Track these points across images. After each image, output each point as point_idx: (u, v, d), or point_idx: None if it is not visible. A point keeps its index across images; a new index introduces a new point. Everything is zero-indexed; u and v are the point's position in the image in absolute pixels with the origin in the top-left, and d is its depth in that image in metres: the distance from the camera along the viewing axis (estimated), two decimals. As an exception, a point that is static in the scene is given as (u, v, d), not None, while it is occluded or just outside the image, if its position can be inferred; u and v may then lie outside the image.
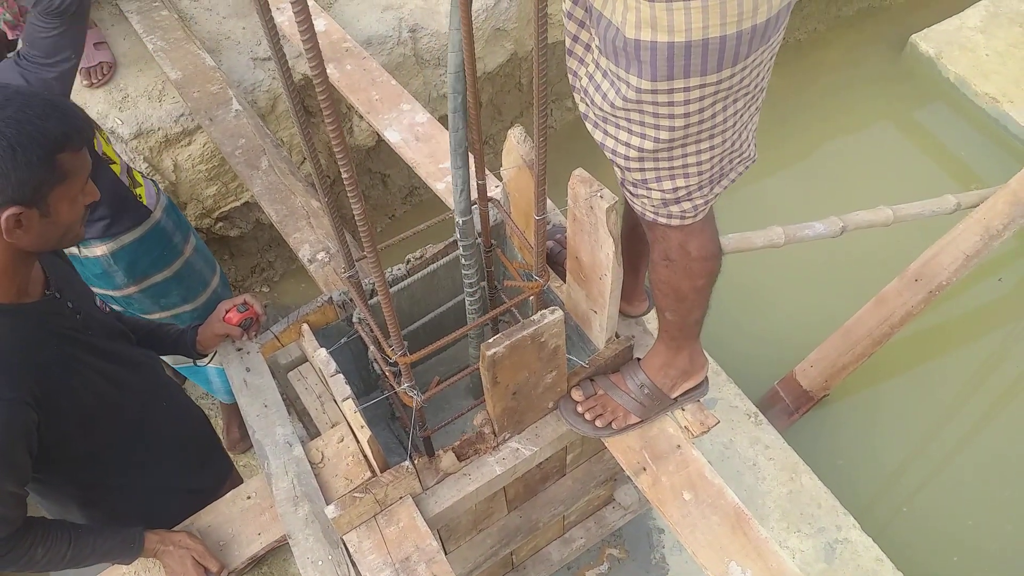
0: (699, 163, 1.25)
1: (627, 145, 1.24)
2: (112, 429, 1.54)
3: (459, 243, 1.61)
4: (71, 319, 1.46)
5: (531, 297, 1.60)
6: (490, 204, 1.67)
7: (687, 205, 1.32)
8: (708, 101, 1.14)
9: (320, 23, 2.72)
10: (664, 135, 1.19)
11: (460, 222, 1.57)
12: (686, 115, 1.15)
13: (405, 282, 1.85)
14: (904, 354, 3.27)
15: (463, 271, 1.66)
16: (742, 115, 1.22)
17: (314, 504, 1.56)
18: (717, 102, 1.15)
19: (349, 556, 1.53)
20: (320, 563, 1.50)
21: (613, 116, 1.21)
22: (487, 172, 1.62)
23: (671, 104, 1.14)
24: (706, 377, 1.70)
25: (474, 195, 1.56)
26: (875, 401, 3.19)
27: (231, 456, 2.15)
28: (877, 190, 3.58)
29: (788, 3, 1.09)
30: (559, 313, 1.43)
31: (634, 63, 1.11)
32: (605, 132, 1.26)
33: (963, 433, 3.12)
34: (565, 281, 1.72)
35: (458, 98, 1.33)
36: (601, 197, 1.37)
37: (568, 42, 1.26)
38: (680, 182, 1.27)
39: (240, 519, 1.62)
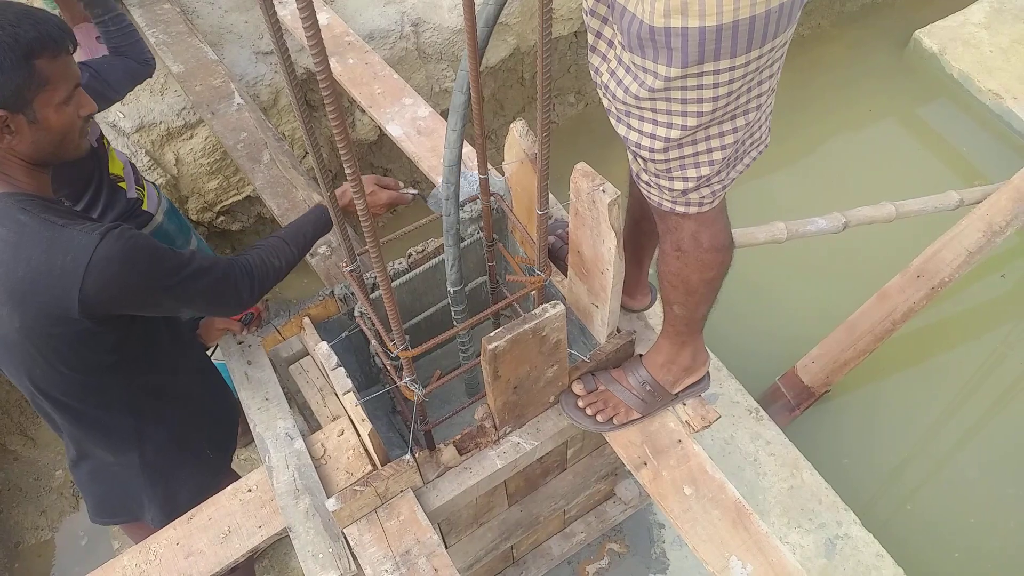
0: (723, 147, 1.24)
1: (652, 137, 1.23)
2: (158, 350, 1.61)
3: (452, 308, 1.65)
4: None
5: (533, 292, 1.60)
6: (492, 198, 1.66)
7: (706, 191, 1.31)
8: (737, 84, 1.14)
9: (323, 17, 2.72)
10: (692, 121, 1.18)
11: (452, 292, 1.60)
12: (714, 99, 1.15)
13: (406, 276, 1.85)
14: (906, 350, 3.26)
15: (446, 257, 1.65)
16: (766, 97, 1.22)
17: (315, 497, 1.56)
18: (745, 84, 1.15)
19: (350, 549, 1.53)
20: (321, 556, 1.51)
21: (637, 108, 1.21)
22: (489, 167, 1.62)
23: (700, 88, 1.13)
24: (708, 372, 1.70)
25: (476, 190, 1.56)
26: (877, 397, 3.18)
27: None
28: (880, 186, 3.58)
29: None
30: (560, 307, 1.43)
31: (663, 52, 1.10)
32: (628, 126, 1.25)
33: (965, 430, 3.11)
34: (567, 276, 1.72)
35: (463, 97, 1.33)
36: (603, 191, 1.37)
37: (591, 39, 1.26)
38: (704, 170, 1.27)
39: (241, 512, 1.62)
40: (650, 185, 1.34)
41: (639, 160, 1.31)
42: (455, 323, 1.73)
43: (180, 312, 1.54)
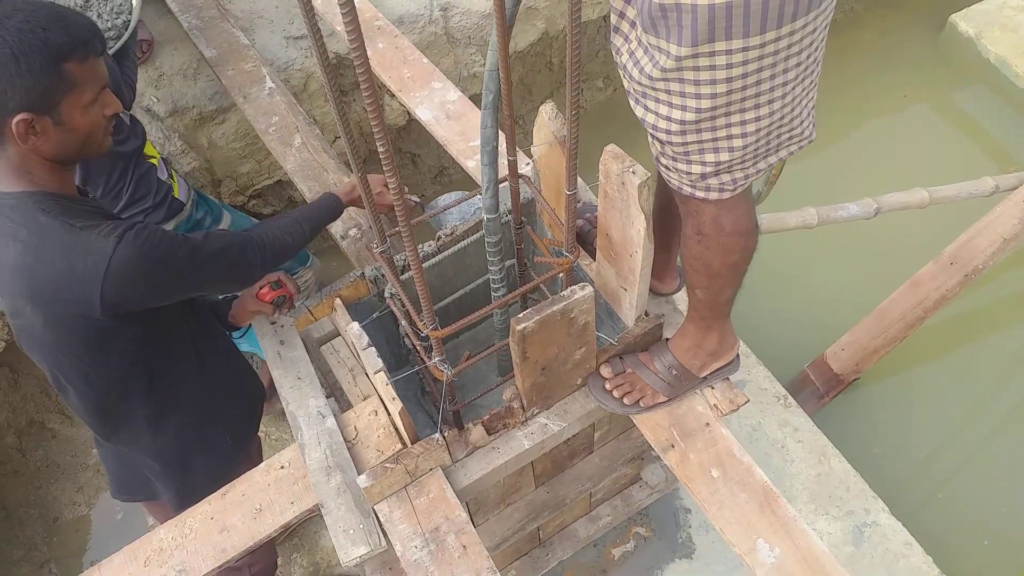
0: (744, 134, 1.22)
1: (668, 119, 1.22)
2: (180, 340, 1.66)
3: (486, 239, 1.62)
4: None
5: (561, 274, 1.60)
6: (520, 181, 1.67)
7: (726, 178, 1.30)
8: (753, 66, 1.12)
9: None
10: (705, 104, 1.17)
11: (487, 219, 1.58)
12: (728, 80, 1.13)
13: (436, 259, 1.87)
14: (938, 339, 3.23)
15: (489, 268, 1.67)
16: (793, 87, 1.19)
17: (346, 474, 1.59)
18: (763, 68, 1.13)
19: (380, 525, 1.56)
20: (352, 532, 1.53)
21: (652, 89, 1.20)
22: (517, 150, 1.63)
23: (712, 68, 1.12)
24: (737, 355, 1.70)
25: (503, 172, 1.56)
26: (907, 386, 3.15)
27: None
28: (913, 172, 3.52)
29: None
30: (589, 289, 1.44)
31: (674, 30, 1.10)
32: (645, 107, 1.25)
33: (999, 420, 3.07)
34: (595, 259, 1.72)
35: (490, 96, 1.34)
36: (633, 173, 1.37)
37: (614, 19, 1.25)
38: (724, 155, 1.25)
39: (274, 488, 1.66)
40: (669, 169, 1.33)
41: (657, 143, 1.31)
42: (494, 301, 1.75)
43: (201, 294, 1.59)
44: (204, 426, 1.79)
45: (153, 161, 2.17)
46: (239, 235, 1.60)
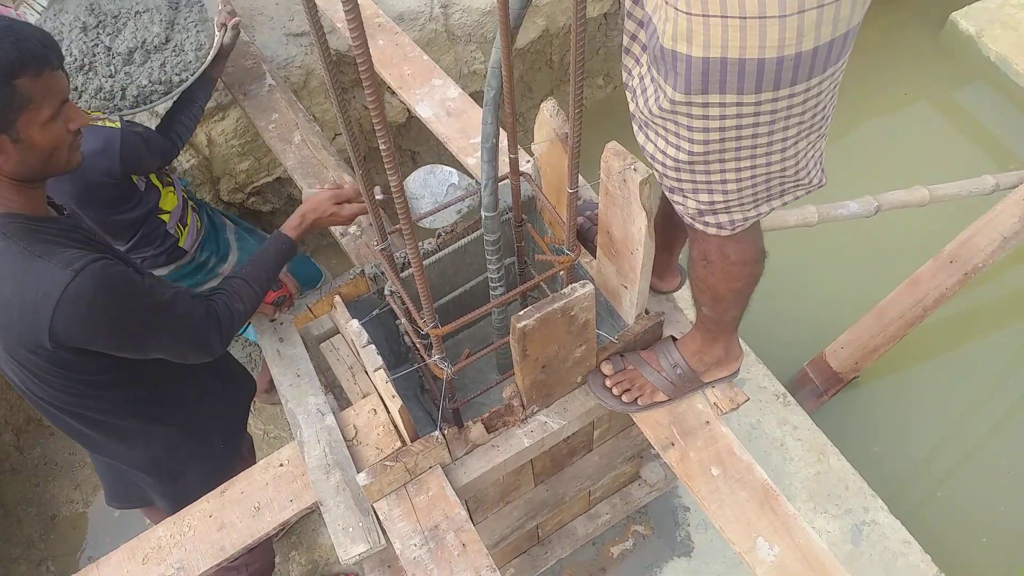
0: (738, 180, 1.22)
1: (664, 153, 1.23)
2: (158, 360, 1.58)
3: (485, 238, 1.61)
4: (98, 236, 1.50)
5: (561, 272, 1.60)
6: (521, 178, 1.67)
7: (724, 218, 1.30)
8: (748, 120, 1.11)
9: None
10: (698, 148, 1.17)
11: (485, 217, 1.56)
12: (721, 129, 1.13)
13: (435, 256, 1.86)
14: (937, 337, 3.23)
15: (488, 267, 1.66)
16: (795, 141, 1.17)
17: (345, 472, 1.58)
18: (760, 124, 1.12)
19: (379, 523, 1.55)
20: (351, 530, 1.53)
21: (653, 122, 1.20)
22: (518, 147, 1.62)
23: (706, 118, 1.12)
24: (739, 368, 1.70)
25: (503, 170, 1.56)
26: (907, 384, 3.16)
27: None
28: (913, 170, 3.53)
29: (846, 31, 1.03)
30: (590, 286, 1.43)
31: (671, 73, 1.09)
32: (647, 136, 1.25)
33: (998, 418, 3.08)
34: (595, 257, 1.72)
35: (492, 92, 1.34)
36: (635, 170, 1.37)
37: (626, 40, 1.25)
38: (717, 196, 1.25)
39: (273, 485, 1.65)
40: (669, 197, 1.34)
41: (656, 172, 1.31)
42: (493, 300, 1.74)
43: (146, 356, 1.50)
44: (194, 432, 1.75)
45: (164, 217, 2.14)
46: (204, 305, 1.51)
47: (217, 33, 2.22)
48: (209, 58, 2.20)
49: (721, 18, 0.99)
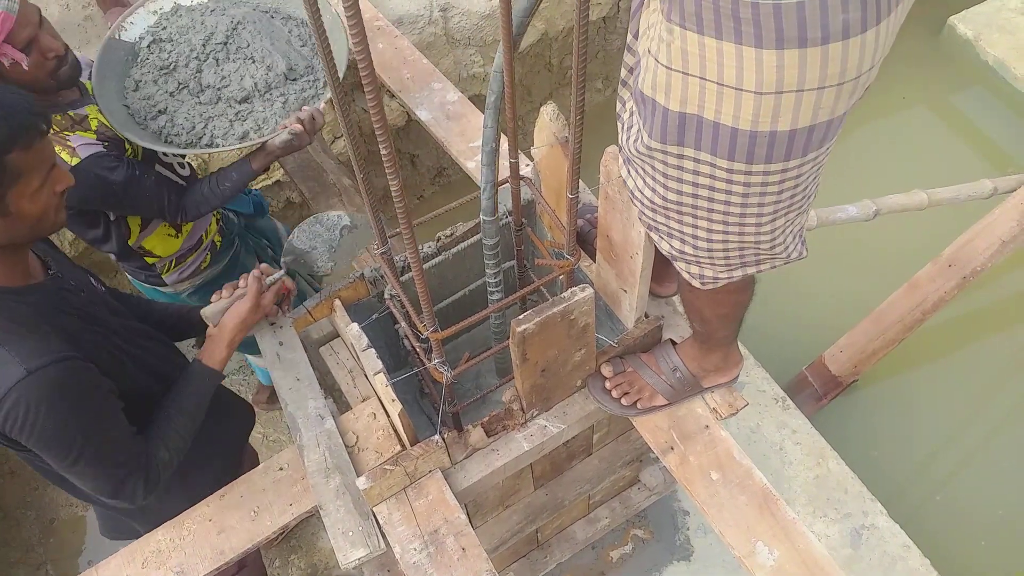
0: (709, 240, 1.20)
1: (642, 192, 1.23)
2: (138, 400, 1.52)
3: (484, 242, 1.60)
4: (77, 295, 1.46)
5: (561, 276, 1.60)
6: (521, 182, 1.67)
7: (695, 270, 1.29)
8: (721, 185, 1.09)
9: None
10: (672, 196, 1.16)
11: (484, 221, 1.55)
12: (695, 184, 1.11)
13: (435, 260, 1.86)
14: (936, 341, 3.23)
15: (486, 271, 1.65)
16: (772, 219, 1.15)
17: (345, 476, 1.58)
18: (732, 193, 1.09)
19: (379, 527, 1.55)
20: (351, 534, 1.53)
21: (634, 160, 1.20)
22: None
23: (680, 168, 1.11)
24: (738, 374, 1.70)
25: (504, 174, 1.56)
26: (906, 388, 3.16)
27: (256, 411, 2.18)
28: (912, 174, 3.54)
29: (828, 120, 1.00)
30: (589, 291, 1.43)
31: (649, 119, 1.09)
32: (628, 171, 1.25)
33: (997, 422, 3.08)
34: (595, 261, 1.72)
35: (493, 96, 1.34)
36: (634, 175, 1.37)
37: (624, 73, 1.24)
38: (688, 248, 1.25)
39: (273, 490, 1.65)
40: (649, 231, 1.32)
41: (635, 208, 1.29)
42: (491, 304, 1.73)
43: (64, 473, 1.39)
44: (184, 477, 1.68)
45: (148, 259, 2.11)
46: (143, 456, 1.42)
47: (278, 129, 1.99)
48: (246, 143, 1.98)
49: (700, 79, 0.98)
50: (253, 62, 2.00)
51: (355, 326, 1.61)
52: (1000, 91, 3.97)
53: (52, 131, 1.70)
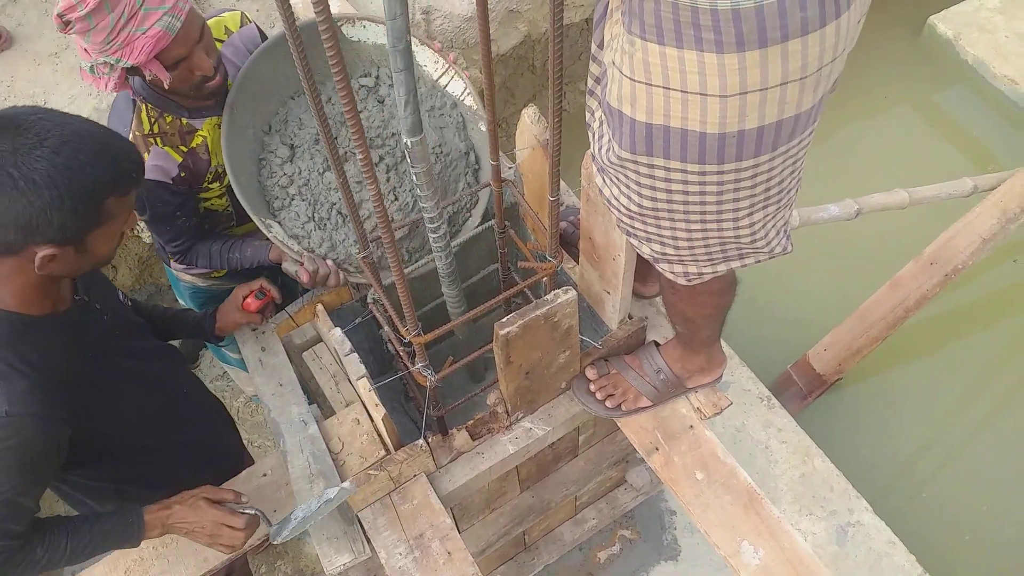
0: (689, 239, 1.21)
1: (618, 200, 1.23)
2: (144, 423, 1.54)
3: (411, 169, 1.35)
4: (100, 323, 1.46)
5: (545, 279, 1.60)
6: (503, 185, 1.67)
7: (679, 268, 1.30)
8: (694, 188, 1.10)
9: (334, 4, 2.72)
10: (647, 203, 1.17)
11: (409, 143, 1.31)
12: (668, 191, 1.12)
13: (418, 263, 1.86)
14: (919, 338, 3.25)
15: (423, 214, 1.42)
16: (749, 213, 1.16)
17: (329, 482, 1.57)
18: (706, 193, 1.10)
19: (364, 533, 1.55)
20: (336, 539, 1.52)
21: (607, 169, 1.20)
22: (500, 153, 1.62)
23: (652, 177, 1.12)
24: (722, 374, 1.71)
25: (486, 175, 1.56)
26: (890, 385, 3.18)
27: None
28: (893, 173, 3.56)
29: (795, 115, 1.01)
30: (572, 293, 1.43)
31: (617, 130, 1.10)
32: (603, 180, 1.25)
33: (981, 418, 3.10)
34: (578, 262, 1.72)
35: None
36: (615, 177, 1.37)
37: (590, 82, 1.24)
38: (670, 250, 1.25)
39: (256, 496, 1.64)
40: (627, 236, 1.33)
41: (613, 215, 1.30)
42: (440, 272, 1.63)
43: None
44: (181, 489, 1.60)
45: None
46: (20, 532, 1.33)
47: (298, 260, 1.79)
48: (276, 242, 1.78)
49: (663, 89, 0.99)
50: (394, 136, 1.85)
51: (338, 331, 1.61)
52: (980, 90, 4.00)
53: (148, 132, 1.71)
